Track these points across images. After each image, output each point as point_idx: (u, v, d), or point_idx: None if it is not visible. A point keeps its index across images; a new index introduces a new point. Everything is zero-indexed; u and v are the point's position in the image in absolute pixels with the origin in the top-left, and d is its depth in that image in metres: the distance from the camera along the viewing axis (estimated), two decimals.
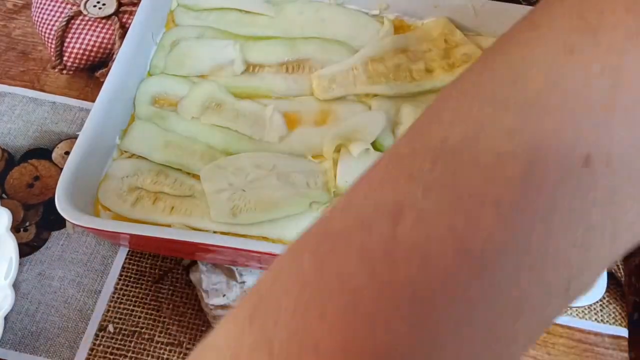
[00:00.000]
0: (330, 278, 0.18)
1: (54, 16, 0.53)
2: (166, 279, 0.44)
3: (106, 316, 0.42)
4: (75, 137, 0.42)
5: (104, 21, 0.52)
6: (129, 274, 0.44)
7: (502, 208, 0.17)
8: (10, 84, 0.53)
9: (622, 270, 0.46)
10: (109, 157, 0.45)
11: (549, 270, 0.17)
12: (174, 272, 0.44)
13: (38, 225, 0.46)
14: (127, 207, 0.42)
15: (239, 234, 0.41)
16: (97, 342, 0.41)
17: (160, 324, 0.42)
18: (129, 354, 0.41)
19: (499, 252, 0.17)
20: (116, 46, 0.51)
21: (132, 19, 0.48)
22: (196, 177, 0.44)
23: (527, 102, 0.18)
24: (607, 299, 0.44)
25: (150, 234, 0.38)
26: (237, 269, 0.44)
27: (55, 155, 0.49)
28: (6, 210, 0.41)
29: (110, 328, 0.42)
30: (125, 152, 0.45)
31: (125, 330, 0.42)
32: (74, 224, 0.40)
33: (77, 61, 0.52)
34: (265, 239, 0.41)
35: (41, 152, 0.49)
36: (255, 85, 0.49)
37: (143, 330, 0.42)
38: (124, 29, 0.51)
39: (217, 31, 0.51)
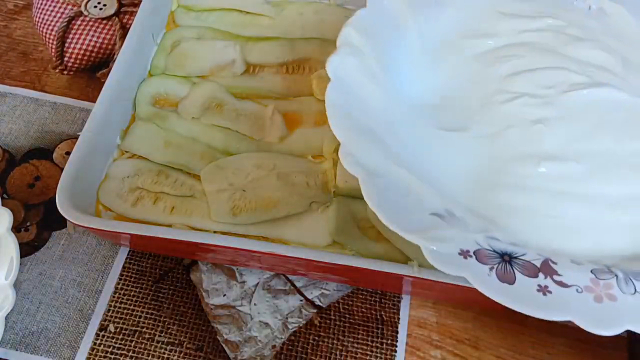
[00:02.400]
0: None
1: (54, 17, 0.53)
2: (167, 279, 0.44)
3: (107, 316, 0.42)
4: (76, 138, 0.42)
5: (104, 22, 0.52)
6: (129, 274, 0.44)
7: None
8: (11, 85, 0.53)
9: None
10: (109, 157, 0.45)
11: None
12: (174, 271, 0.44)
13: (39, 225, 0.46)
14: (127, 207, 0.43)
15: (239, 234, 0.41)
16: (98, 341, 0.41)
17: (160, 324, 0.42)
18: (130, 354, 0.41)
19: None
20: (117, 47, 0.51)
21: (133, 20, 0.49)
22: (196, 177, 0.44)
23: None
24: None
25: (150, 233, 0.38)
26: (237, 269, 0.44)
27: (56, 155, 0.49)
28: (7, 210, 0.41)
29: (111, 328, 0.42)
30: (126, 152, 0.45)
31: (126, 329, 0.42)
32: (74, 224, 0.40)
33: (77, 62, 0.52)
34: (265, 239, 0.41)
35: (42, 152, 0.49)
36: (256, 85, 0.49)
37: (144, 329, 0.42)
38: (124, 29, 0.52)
39: (218, 32, 0.51)
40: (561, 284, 0.28)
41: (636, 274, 0.29)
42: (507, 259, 0.28)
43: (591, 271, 0.29)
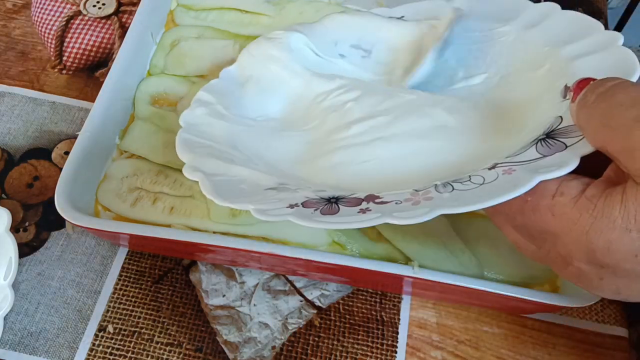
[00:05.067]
0: None
1: (53, 16, 0.53)
2: (166, 279, 0.44)
3: (106, 316, 0.42)
4: (75, 137, 0.42)
5: (103, 21, 0.52)
6: (128, 274, 0.44)
7: None
8: (9, 84, 0.53)
9: None
10: (108, 157, 0.45)
11: None
12: (173, 272, 0.44)
13: (37, 226, 0.46)
14: (126, 208, 0.42)
15: (238, 234, 0.41)
16: (97, 342, 0.41)
17: (159, 325, 0.42)
18: (129, 355, 0.41)
19: None
20: (116, 46, 0.51)
21: (132, 19, 0.48)
22: None
23: None
24: (607, 299, 0.44)
25: (150, 234, 0.38)
26: (236, 269, 0.44)
27: (54, 155, 0.49)
28: (6, 210, 0.40)
29: (110, 328, 0.42)
30: (125, 152, 0.45)
31: (125, 330, 0.42)
32: (73, 224, 0.40)
33: (76, 61, 0.52)
34: (265, 239, 0.41)
35: (41, 152, 0.49)
36: None
37: (143, 330, 0.42)
38: (123, 28, 0.51)
39: (217, 31, 0.51)
40: (381, 202, 0.30)
41: (455, 180, 0.30)
42: (333, 200, 0.31)
43: (413, 189, 0.31)
